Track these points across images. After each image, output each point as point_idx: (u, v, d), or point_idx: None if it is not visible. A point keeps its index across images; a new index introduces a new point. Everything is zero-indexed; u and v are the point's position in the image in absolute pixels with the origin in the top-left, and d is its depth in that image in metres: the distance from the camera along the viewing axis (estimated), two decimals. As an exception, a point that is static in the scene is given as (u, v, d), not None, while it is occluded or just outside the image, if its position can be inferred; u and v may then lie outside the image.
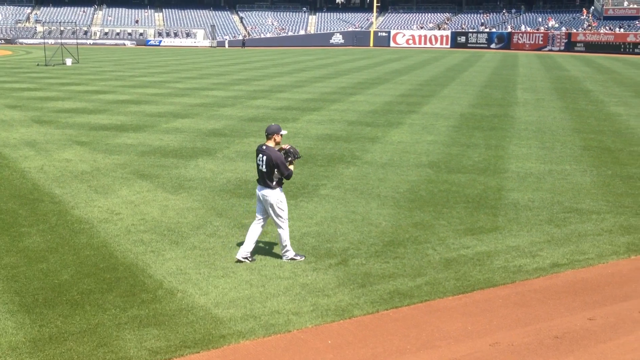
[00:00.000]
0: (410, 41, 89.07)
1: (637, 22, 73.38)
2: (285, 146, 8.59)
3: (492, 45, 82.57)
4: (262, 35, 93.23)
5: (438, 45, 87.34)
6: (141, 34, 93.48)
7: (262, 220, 8.67)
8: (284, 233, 8.60)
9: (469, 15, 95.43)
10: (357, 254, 8.94)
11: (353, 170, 14.07)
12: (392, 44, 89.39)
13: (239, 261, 8.57)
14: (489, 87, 33.13)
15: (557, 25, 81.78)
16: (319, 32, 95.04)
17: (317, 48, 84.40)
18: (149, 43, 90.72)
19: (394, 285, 7.89)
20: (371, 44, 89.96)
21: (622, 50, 69.87)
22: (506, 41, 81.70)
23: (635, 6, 76.15)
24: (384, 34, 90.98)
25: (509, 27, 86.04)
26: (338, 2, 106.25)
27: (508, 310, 7.22)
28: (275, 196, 8.43)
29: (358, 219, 10.55)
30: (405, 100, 26.85)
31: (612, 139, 18.01)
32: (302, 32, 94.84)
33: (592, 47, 72.47)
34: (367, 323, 6.91)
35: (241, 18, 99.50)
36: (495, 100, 27.07)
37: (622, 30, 72.54)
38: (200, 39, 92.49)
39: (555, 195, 12.06)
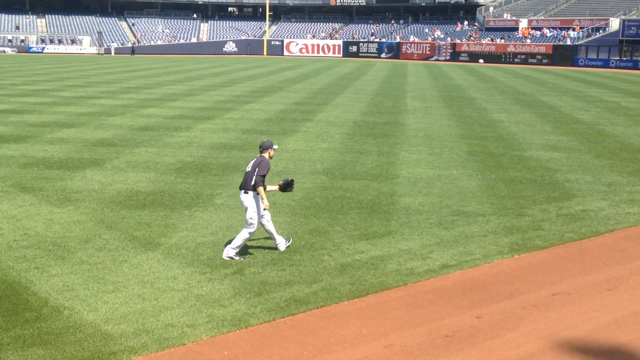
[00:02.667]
0: (304, 50, 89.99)
1: (516, 33, 77.75)
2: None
3: (383, 55, 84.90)
4: (153, 43, 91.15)
5: (330, 54, 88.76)
6: (22, 41, 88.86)
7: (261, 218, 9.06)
8: (243, 235, 8.94)
9: (359, 25, 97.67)
10: (253, 263, 8.87)
11: (248, 178, 13.98)
12: (285, 52, 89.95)
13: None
14: (380, 95, 34.01)
15: (442, 35, 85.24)
16: (211, 40, 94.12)
17: (210, 56, 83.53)
18: (31, 50, 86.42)
19: (290, 292, 7.89)
20: (265, 53, 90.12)
21: (502, 60, 73.78)
22: (396, 51, 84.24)
23: (514, 18, 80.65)
24: (277, 42, 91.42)
25: (397, 37, 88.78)
26: (230, 10, 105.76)
27: (401, 312, 7.40)
28: (250, 200, 8.89)
29: (253, 227, 10.47)
30: (299, 109, 27.05)
31: (495, 145, 18.92)
32: (194, 40, 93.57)
33: (476, 56, 76.08)
34: (263, 332, 6.86)
35: (132, 24, 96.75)
36: (387, 108, 27.81)
37: (502, 40, 76.61)
38: (87, 46, 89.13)
39: (443, 199, 12.50)
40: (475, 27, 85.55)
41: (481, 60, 73.66)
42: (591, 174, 15.01)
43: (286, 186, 9.48)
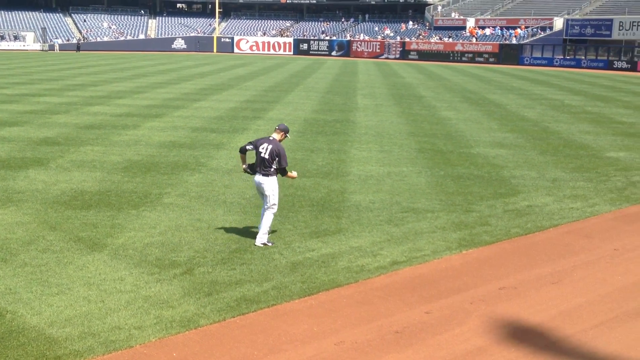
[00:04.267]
0: (254, 47, 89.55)
1: (463, 32, 79.02)
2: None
3: (333, 53, 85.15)
4: (99, 39, 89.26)
5: (281, 52, 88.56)
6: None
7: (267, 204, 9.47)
8: (268, 219, 9.40)
9: (310, 23, 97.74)
10: (203, 263, 8.77)
11: (198, 177, 13.83)
12: (236, 50, 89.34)
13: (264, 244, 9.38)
14: (331, 93, 34.10)
15: (392, 34, 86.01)
16: (159, 36, 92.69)
17: (159, 53, 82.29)
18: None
19: (240, 291, 7.83)
20: (215, 50, 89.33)
21: (451, 58, 74.91)
22: (346, 49, 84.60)
23: (462, 17, 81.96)
24: (227, 39, 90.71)
25: (348, 35, 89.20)
26: (179, 7, 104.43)
27: (352, 309, 7.42)
28: (270, 183, 9.47)
29: (204, 226, 10.36)
30: (250, 107, 26.89)
31: (443, 142, 19.18)
32: (141, 37, 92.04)
33: (425, 55, 77.06)
34: (213, 332, 6.78)
35: (84, 20, 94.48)
36: (337, 106, 27.90)
37: (450, 39, 77.77)
38: (30, 42, 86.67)
39: (394, 196, 12.61)
40: (424, 26, 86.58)
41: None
42: (536, 170, 15.36)
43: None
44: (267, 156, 9.44)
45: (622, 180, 14.44)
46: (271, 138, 9.70)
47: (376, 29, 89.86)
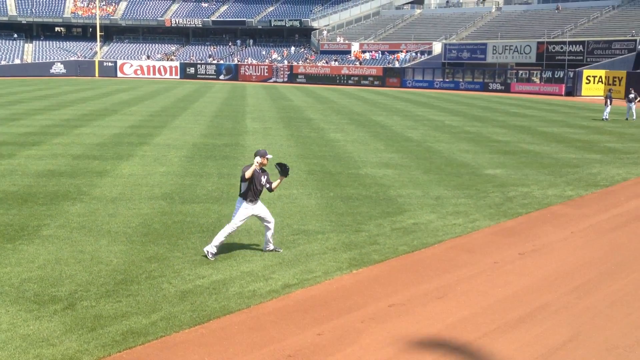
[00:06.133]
0: (139, 71, 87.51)
1: (349, 56, 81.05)
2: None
3: (221, 77, 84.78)
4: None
5: (167, 75, 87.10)
6: None
7: (262, 222, 10.37)
8: (224, 231, 10.12)
9: (196, 47, 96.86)
10: (86, 296, 8.37)
11: (80, 207, 13.24)
12: (119, 74, 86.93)
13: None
14: (220, 117, 33.86)
15: (280, 58, 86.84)
16: (37, 61, 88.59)
17: (36, 78, 78.58)
18: None
19: (127, 325, 7.52)
20: (97, 74, 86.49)
21: (337, 81, 76.57)
22: (234, 73, 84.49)
23: (347, 42, 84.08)
24: (110, 64, 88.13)
25: (236, 59, 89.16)
26: (58, 30, 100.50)
27: (244, 336, 7.31)
28: (237, 203, 10.24)
29: (87, 258, 9.91)
30: (135, 132, 26.18)
31: (332, 164, 19.49)
32: (17, 61, 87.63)
33: (312, 78, 78.33)
34: (98, 369, 6.46)
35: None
36: (226, 130, 27.73)
37: (337, 63, 79.54)
38: None
39: (284, 219, 12.62)
40: (311, 50, 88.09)
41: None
42: (421, 188, 15.90)
43: (284, 172, 10.48)
44: (263, 181, 10.27)
45: (499, 196, 15.22)
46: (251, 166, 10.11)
47: (263, 52, 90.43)
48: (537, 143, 25.08)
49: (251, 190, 10.08)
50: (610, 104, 35.29)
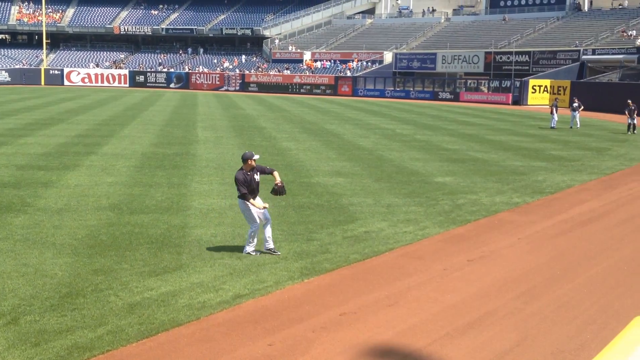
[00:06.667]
0: (86, 80, 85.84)
1: (301, 65, 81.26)
2: (278, 183, 11.25)
3: (172, 85, 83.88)
4: None
5: (116, 84, 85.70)
6: None
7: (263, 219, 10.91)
8: (250, 230, 10.79)
9: (146, 54, 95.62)
10: (29, 311, 8.12)
11: (24, 218, 12.87)
12: (66, 82, 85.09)
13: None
14: (170, 125, 33.47)
15: (231, 66, 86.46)
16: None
17: (-20, 86, 76.34)
18: None
19: (72, 339, 7.33)
20: (43, 83, 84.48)
21: (290, 90, 76.65)
22: (185, 81, 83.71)
23: (299, 50, 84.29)
24: (56, 72, 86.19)
25: (186, 67, 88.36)
26: (2, 38, 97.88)
27: (193, 348, 7.21)
28: (240, 205, 10.97)
29: (30, 271, 9.62)
30: (82, 141, 25.64)
31: (284, 172, 19.42)
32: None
33: (264, 87, 78.23)
34: (41, 387, 6.27)
35: None
36: (177, 139, 27.41)
37: (289, 72, 79.63)
38: None
39: (236, 229, 12.53)
40: (263, 59, 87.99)
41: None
42: (372, 197, 16.01)
43: (277, 192, 11.29)
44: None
45: (449, 204, 15.43)
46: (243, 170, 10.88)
47: (215, 61, 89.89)
48: (485, 151, 25.57)
49: (250, 189, 10.81)
50: (557, 113, 36.28)
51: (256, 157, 11.10)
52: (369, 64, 77.28)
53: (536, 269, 10.62)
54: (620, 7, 70.72)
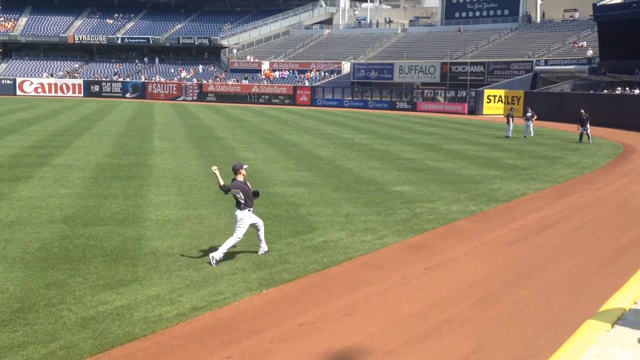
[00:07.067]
0: (40, 89, 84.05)
1: (259, 75, 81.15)
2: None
3: (128, 95, 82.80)
4: None
5: (70, 94, 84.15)
6: None
7: (254, 227, 11.30)
8: (230, 241, 10.92)
9: (101, 64, 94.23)
10: (-22, 328, 7.87)
11: (-27, 232, 12.49)
12: (18, 92, 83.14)
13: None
14: (126, 136, 33.00)
15: (189, 76, 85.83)
16: None
17: None
18: None
19: (24, 355, 7.14)
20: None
21: (248, 100, 76.43)
22: (141, 91, 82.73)
23: (257, 60, 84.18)
24: (8, 81, 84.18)
25: (143, 77, 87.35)
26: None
27: (149, 363, 7.08)
28: (237, 214, 11.11)
29: (-21, 286, 9.34)
30: (35, 152, 25.07)
31: (242, 182, 19.32)
32: None
33: (222, 97, 77.84)
34: (-10, 406, 6.07)
35: None
36: (133, 149, 27.03)
37: (247, 81, 79.43)
38: None
39: (193, 240, 12.39)
40: (221, 69, 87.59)
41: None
42: (330, 206, 16.03)
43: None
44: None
45: (407, 213, 15.56)
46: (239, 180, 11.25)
47: (172, 70, 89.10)
48: (442, 160, 25.89)
49: (248, 198, 11.17)
50: (512, 122, 37.00)
51: (245, 166, 11.60)
52: (327, 73, 77.63)
53: (492, 276, 10.76)
54: (572, 18, 72.62)
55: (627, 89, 49.56)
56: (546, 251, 12.53)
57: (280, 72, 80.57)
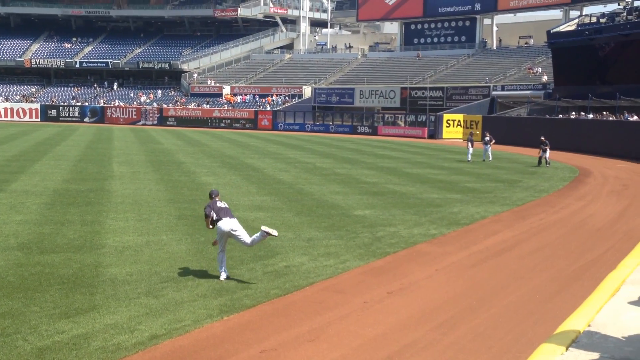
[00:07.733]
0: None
1: (220, 99, 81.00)
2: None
3: (86, 119, 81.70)
4: None
5: (27, 118, 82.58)
6: None
7: (236, 238, 11.64)
8: (220, 259, 11.66)
9: (59, 88, 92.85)
10: None
11: None
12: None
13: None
14: (84, 161, 32.49)
15: (148, 100, 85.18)
16: None
17: None
18: None
19: (-26, 390, 6.87)
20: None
21: (209, 124, 76.12)
22: (100, 115, 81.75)
23: (218, 84, 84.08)
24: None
25: (102, 101, 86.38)
26: None
27: (107, 394, 6.90)
28: (218, 230, 11.63)
29: None
30: (-11, 178, 24.47)
31: (203, 208, 19.12)
32: None
33: (183, 121, 77.38)
34: None
35: None
36: (91, 175, 26.60)
37: (208, 105, 79.18)
38: None
39: (153, 267, 12.19)
40: (181, 93, 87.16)
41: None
42: (292, 231, 15.98)
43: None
44: (226, 206, 12.00)
45: (368, 237, 15.60)
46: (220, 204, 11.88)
47: (132, 95, 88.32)
48: (403, 184, 26.10)
49: (220, 212, 11.68)
50: (472, 147, 37.59)
51: (218, 193, 12.48)
52: (289, 98, 77.92)
53: (453, 299, 10.83)
54: (527, 45, 74.50)
55: (582, 113, 50.91)
56: (506, 274, 12.68)
57: (241, 97, 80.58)
